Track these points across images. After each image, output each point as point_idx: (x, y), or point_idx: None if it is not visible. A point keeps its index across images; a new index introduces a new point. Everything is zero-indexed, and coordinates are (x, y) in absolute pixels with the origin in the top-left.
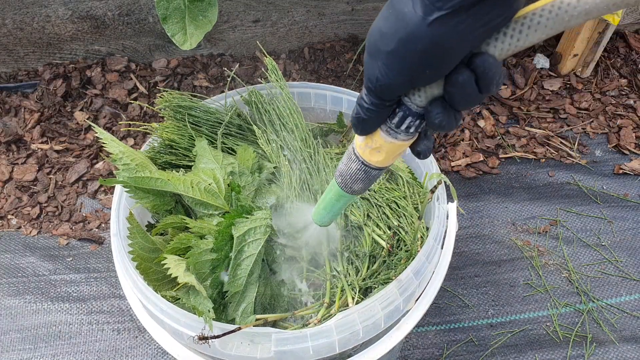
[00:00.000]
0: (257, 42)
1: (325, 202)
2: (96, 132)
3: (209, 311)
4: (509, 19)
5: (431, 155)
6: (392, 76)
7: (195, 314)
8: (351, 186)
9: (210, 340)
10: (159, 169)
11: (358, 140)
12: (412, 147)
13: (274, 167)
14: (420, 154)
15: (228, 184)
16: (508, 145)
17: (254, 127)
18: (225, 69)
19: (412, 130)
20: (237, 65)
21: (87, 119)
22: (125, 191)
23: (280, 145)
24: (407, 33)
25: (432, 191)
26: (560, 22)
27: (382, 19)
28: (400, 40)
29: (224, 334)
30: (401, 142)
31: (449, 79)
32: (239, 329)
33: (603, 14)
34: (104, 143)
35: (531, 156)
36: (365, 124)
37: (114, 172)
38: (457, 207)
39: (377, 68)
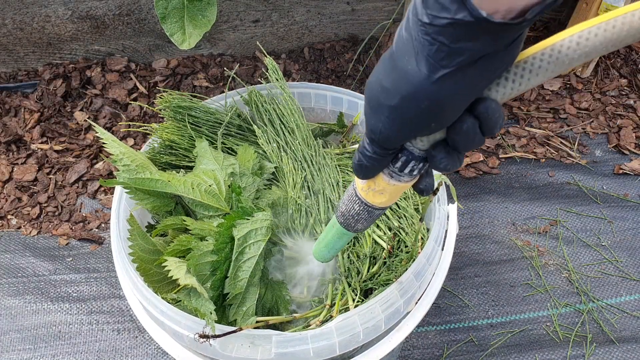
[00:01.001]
0: (257, 42)
1: (327, 240)
2: (97, 132)
3: (211, 313)
4: (510, 65)
5: None
6: (396, 129)
7: (197, 316)
8: (354, 225)
9: (210, 340)
10: (159, 169)
11: (360, 183)
12: (414, 185)
13: (275, 167)
14: (423, 192)
15: (229, 185)
16: (508, 145)
17: (255, 127)
18: (226, 68)
19: (415, 172)
20: (238, 65)
21: (87, 119)
22: (126, 192)
23: (281, 145)
24: (411, 90)
25: (434, 193)
26: (560, 65)
27: (383, 73)
28: (404, 97)
29: (225, 334)
30: (404, 183)
31: (453, 127)
32: (240, 329)
33: (602, 54)
34: (104, 143)
35: (531, 156)
36: (368, 170)
37: (114, 172)
38: (457, 204)
39: (380, 121)
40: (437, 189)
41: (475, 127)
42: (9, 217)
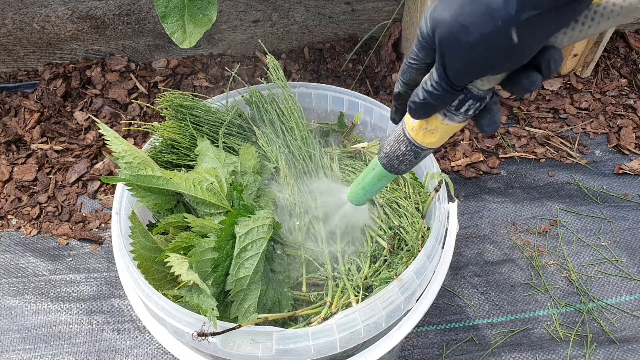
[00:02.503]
0: (259, 40)
1: (364, 183)
2: (100, 129)
3: (213, 309)
4: (586, 8)
5: (431, 155)
6: (471, 67)
7: (198, 312)
8: (397, 167)
9: (209, 337)
10: (160, 168)
11: (411, 123)
12: (479, 124)
13: (274, 168)
14: (487, 129)
15: (230, 183)
16: (508, 145)
17: (255, 129)
18: (227, 68)
19: (470, 112)
20: (239, 65)
21: (87, 119)
22: (127, 189)
23: (280, 146)
24: (495, 29)
25: (436, 190)
26: (631, 11)
27: (459, 8)
28: (485, 35)
29: (224, 332)
30: (457, 123)
31: (519, 71)
32: (239, 326)
33: None
34: (107, 140)
35: (531, 156)
36: (429, 108)
37: (117, 170)
38: (456, 202)
39: (456, 58)
40: (439, 186)
41: (538, 74)
42: (9, 217)
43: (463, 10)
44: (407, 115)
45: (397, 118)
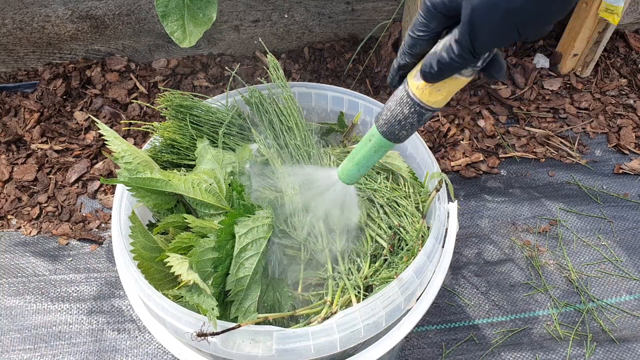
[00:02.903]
0: (260, 39)
1: (359, 156)
2: (99, 129)
3: (213, 309)
4: None
5: (431, 154)
6: (503, 35)
7: (199, 312)
8: (398, 133)
9: (209, 337)
10: (160, 168)
11: (416, 81)
12: (488, 74)
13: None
14: (496, 76)
15: (229, 184)
16: (508, 145)
17: (253, 131)
18: (227, 68)
19: (479, 64)
20: (239, 65)
21: (87, 119)
22: (127, 190)
23: (280, 146)
24: None
25: (437, 189)
26: None
27: None
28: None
29: (223, 331)
30: (465, 78)
31: None
32: (239, 326)
33: None
34: (106, 140)
35: (531, 156)
36: (449, 74)
37: (117, 170)
38: (456, 202)
39: (489, 28)
40: (440, 185)
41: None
42: (9, 217)
43: None
44: (411, 75)
45: (397, 83)
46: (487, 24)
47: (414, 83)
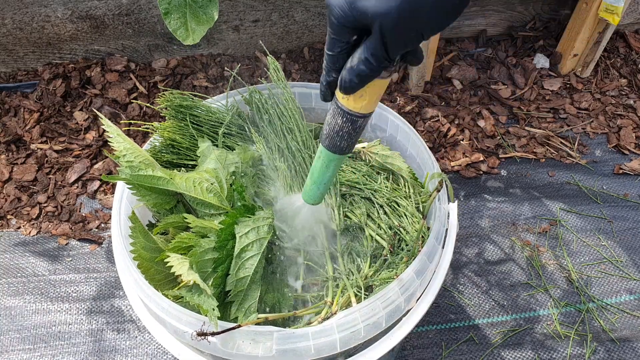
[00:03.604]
0: (260, 41)
1: (314, 176)
2: (102, 126)
3: (214, 310)
4: None
5: (432, 155)
6: (412, 39)
7: (199, 312)
8: (339, 144)
9: (209, 337)
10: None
11: (341, 94)
12: (406, 64)
13: (259, 160)
14: (415, 62)
15: (231, 184)
16: (508, 145)
17: (252, 131)
18: (227, 68)
19: (395, 64)
20: (239, 65)
21: (87, 119)
22: (128, 188)
23: (280, 147)
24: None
25: (438, 190)
26: None
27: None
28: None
29: (223, 331)
30: (384, 79)
31: None
32: (239, 326)
33: None
34: (109, 137)
35: (531, 156)
36: (368, 80)
37: (117, 169)
38: (456, 202)
39: (401, 35)
40: (440, 186)
41: None
42: (8, 217)
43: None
44: (337, 87)
45: (328, 97)
46: (396, 34)
47: (339, 94)
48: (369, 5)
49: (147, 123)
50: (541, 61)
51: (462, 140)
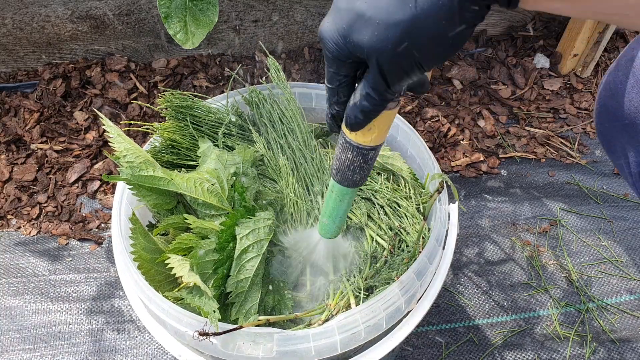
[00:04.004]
0: (260, 42)
1: (329, 210)
2: (103, 125)
3: (215, 311)
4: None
5: (432, 155)
6: (412, 69)
7: (200, 314)
8: (352, 178)
9: (210, 338)
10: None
11: (348, 129)
12: (413, 90)
13: (272, 169)
14: (420, 91)
15: (231, 185)
16: (508, 145)
17: (253, 131)
18: (227, 69)
19: (397, 96)
20: (240, 65)
21: (87, 119)
22: (129, 188)
23: (281, 146)
24: (440, 28)
25: (439, 191)
26: None
27: (409, 20)
28: (432, 36)
29: (225, 332)
30: (391, 110)
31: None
32: (239, 328)
33: None
34: (110, 137)
35: (531, 156)
36: (374, 115)
37: (118, 169)
38: (458, 204)
39: (399, 66)
40: (442, 187)
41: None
42: (8, 217)
43: (415, 15)
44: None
45: (335, 129)
46: (394, 67)
47: (347, 130)
48: (364, 40)
49: (147, 123)
50: (541, 61)
51: (462, 140)
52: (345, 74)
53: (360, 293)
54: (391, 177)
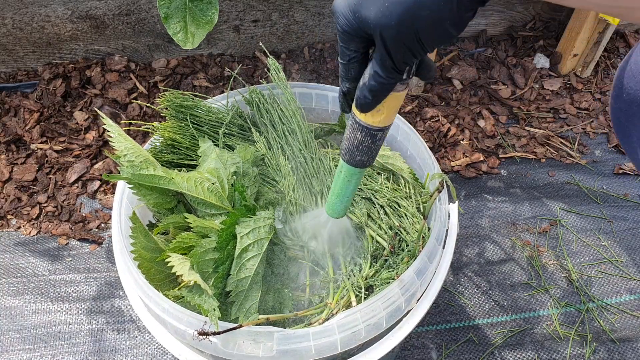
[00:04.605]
0: (260, 42)
1: (337, 190)
2: (103, 125)
3: (215, 310)
4: None
5: (432, 155)
6: (419, 48)
7: (200, 312)
8: (359, 158)
9: (210, 337)
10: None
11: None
12: (421, 76)
13: (272, 169)
14: (429, 77)
15: (232, 184)
16: (508, 145)
17: (253, 131)
18: (227, 69)
19: (405, 76)
20: (240, 65)
21: (87, 119)
22: (129, 188)
23: (281, 146)
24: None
25: (439, 190)
26: None
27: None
28: (436, 12)
29: (225, 331)
30: (400, 92)
31: None
32: (240, 326)
33: None
34: (110, 136)
35: (531, 156)
36: (380, 98)
37: (119, 168)
38: (457, 205)
39: (404, 43)
40: (442, 186)
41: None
42: (8, 217)
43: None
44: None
45: (346, 108)
46: (398, 43)
47: (357, 110)
48: (371, 15)
49: (147, 123)
50: (541, 61)
51: (462, 140)
52: (355, 49)
53: (360, 292)
54: (391, 177)
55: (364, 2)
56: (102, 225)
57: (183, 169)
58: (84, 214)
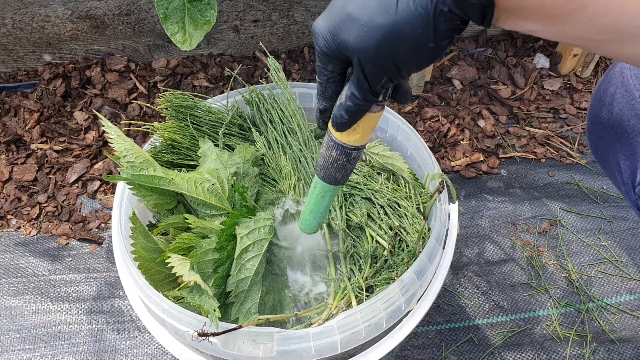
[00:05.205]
0: (260, 42)
1: (310, 205)
2: (102, 126)
3: (215, 310)
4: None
5: (432, 155)
6: (396, 71)
7: (200, 313)
8: (334, 175)
9: (210, 338)
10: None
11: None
12: (395, 98)
13: (272, 168)
14: (403, 100)
15: (232, 185)
16: (508, 145)
17: (253, 130)
18: (227, 69)
19: (380, 98)
20: (240, 65)
21: (87, 119)
22: (129, 188)
23: (281, 146)
24: (425, 30)
25: (440, 191)
26: None
27: (390, 21)
28: (415, 38)
29: (224, 332)
30: (375, 113)
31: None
32: (240, 327)
33: None
34: (110, 138)
35: (531, 156)
36: (356, 118)
37: (118, 169)
38: (457, 205)
39: (380, 67)
40: (442, 187)
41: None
42: (8, 217)
43: (395, 22)
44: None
45: (324, 126)
46: (375, 68)
47: (333, 129)
48: (350, 39)
49: (147, 123)
50: (541, 61)
51: (462, 140)
52: (332, 70)
53: (361, 292)
54: (391, 177)
55: (344, 25)
56: (102, 225)
57: (183, 169)
58: (84, 214)
